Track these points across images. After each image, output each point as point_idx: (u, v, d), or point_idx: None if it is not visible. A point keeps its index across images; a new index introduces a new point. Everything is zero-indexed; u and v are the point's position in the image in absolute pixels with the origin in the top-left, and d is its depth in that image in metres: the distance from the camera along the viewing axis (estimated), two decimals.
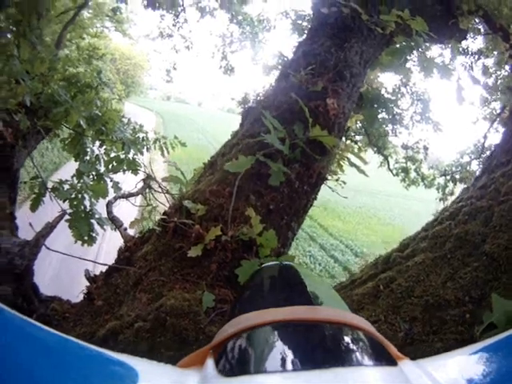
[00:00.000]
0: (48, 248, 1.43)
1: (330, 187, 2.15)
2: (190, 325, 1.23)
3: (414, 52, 2.96)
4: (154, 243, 1.57)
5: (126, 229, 1.89)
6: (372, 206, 21.14)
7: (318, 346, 0.47)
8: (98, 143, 3.73)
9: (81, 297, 1.58)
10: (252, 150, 1.65)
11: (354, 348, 0.47)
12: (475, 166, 7.25)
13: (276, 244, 1.40)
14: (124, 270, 1.56)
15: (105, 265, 1.58)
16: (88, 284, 1.60)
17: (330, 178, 2.13)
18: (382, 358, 0.46)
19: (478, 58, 6.31)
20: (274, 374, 0.40)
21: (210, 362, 0.47)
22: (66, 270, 6.41)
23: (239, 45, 9.07)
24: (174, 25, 8.96)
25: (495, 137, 6.60)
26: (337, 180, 2.16)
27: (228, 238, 1.39)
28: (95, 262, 1.80)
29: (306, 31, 2.80)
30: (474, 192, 1.39)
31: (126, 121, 4.34)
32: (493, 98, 6.71)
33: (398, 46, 2.72)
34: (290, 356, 0.44)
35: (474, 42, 5.68)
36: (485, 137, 6.74)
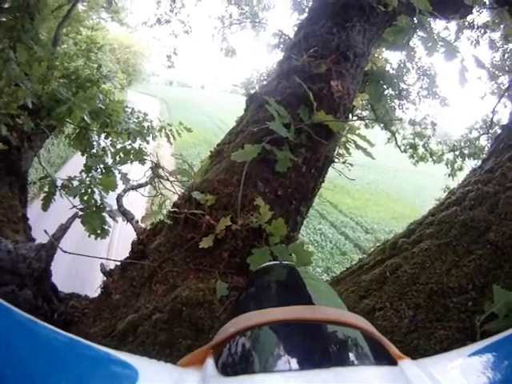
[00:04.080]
0: (63, 250, 1.46)
1: (338, 170, 2.14)
2: (205, 314, 1.26)
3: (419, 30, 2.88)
4: (166, 235, 1.59)
5: (137, 221, 1.92)
6: (381, 181, 21.05)
7: (318, 345, 0.46)
8: (103, 135, 3.74)
9: (98, 291, 1.61)
10: (257, 137, 1.64)
11: (355, 347, 0.47)
12: (484, 141, 7.15)
13: (285, 231, 1.41)
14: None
15: (117, 261, 1.61)
16: (104, 278, 1.64)
17: (336, 160, 2.12)
18: (383, 357, 0.46)
19: (484, 32, 6.14)
20: (275, 374, 0.41)
21: (210, 362, 0.47)
22: (80, 263, 6.57)
23: (239, 26, 8.94)
24: (171, 10, 8.82)
25: (504, 112, 6.45)
26: (344, 162, 2.14)
27: (238, 226, 1.41)
28: (109, 259, 1.84)
29: (306, 9, 2.74)
30: (481, 176, 1.38)
31: (129, 110, 4.34)
32: (500, 73, 6.55)
33: (400, 25, 2.65)
34: (290, 355, 0.44)
35: (480, 16, 5.50)
36: (493, 112, 6.55)
